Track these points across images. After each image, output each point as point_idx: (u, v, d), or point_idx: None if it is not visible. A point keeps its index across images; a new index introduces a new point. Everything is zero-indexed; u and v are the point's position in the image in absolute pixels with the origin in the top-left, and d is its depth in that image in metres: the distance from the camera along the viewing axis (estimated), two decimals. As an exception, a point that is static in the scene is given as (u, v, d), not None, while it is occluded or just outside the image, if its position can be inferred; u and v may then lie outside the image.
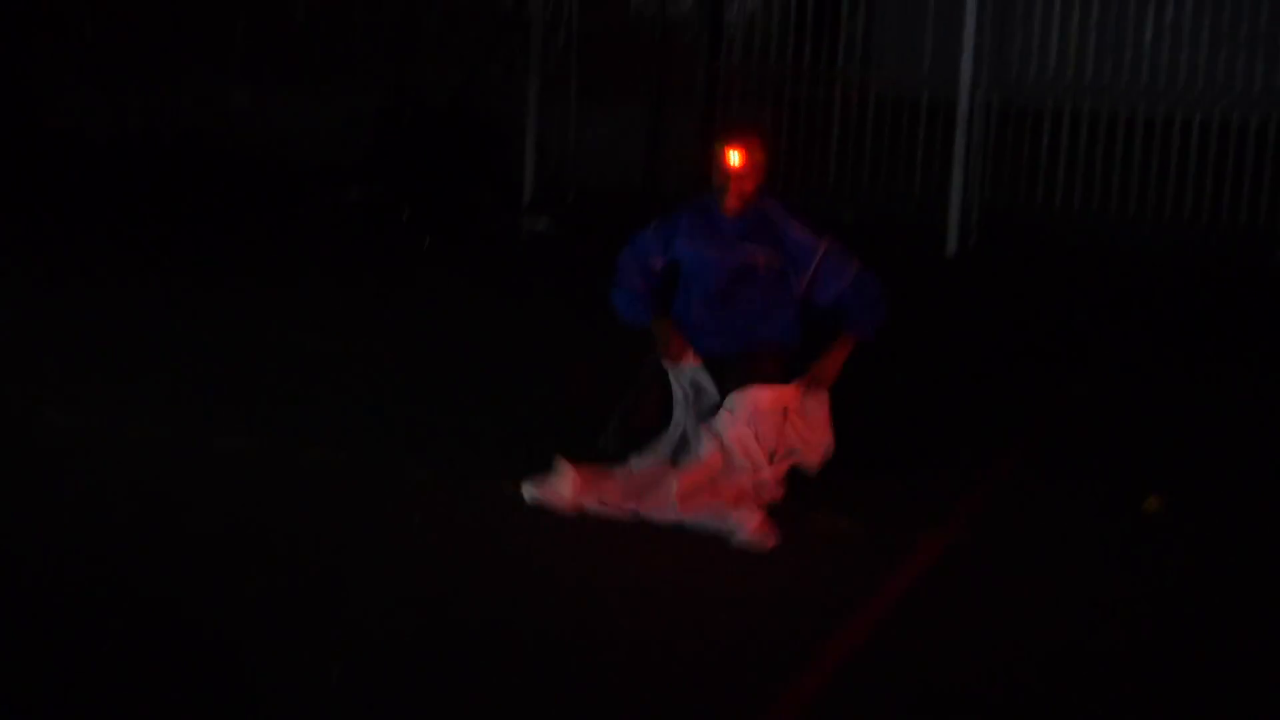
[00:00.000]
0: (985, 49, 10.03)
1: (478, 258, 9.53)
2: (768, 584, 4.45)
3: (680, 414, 5.18)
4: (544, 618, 3.95)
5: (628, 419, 5.26)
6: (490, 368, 6.74)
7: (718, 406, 5.05)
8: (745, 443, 4.98)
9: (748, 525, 4.59)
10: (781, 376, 5.08)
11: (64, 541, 4.40)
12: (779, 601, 4.33)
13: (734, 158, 5.14)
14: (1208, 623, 4.15)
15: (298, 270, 8.81)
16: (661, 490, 4.77)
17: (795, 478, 5.38)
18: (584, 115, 11.07)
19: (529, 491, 4.81)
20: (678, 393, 5.18)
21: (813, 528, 4.88)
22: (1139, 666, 3.85)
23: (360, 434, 5.61)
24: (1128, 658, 3.88)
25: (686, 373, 5.19)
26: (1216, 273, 9.65)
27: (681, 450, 5.07)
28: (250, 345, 7.02)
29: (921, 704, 3.63)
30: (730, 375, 5.07)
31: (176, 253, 9.03)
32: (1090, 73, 10.13)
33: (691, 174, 10.31)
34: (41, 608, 3.89)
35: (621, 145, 11.05)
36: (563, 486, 4.76)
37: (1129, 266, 9.72)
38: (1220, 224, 9.96)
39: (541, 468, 5.03)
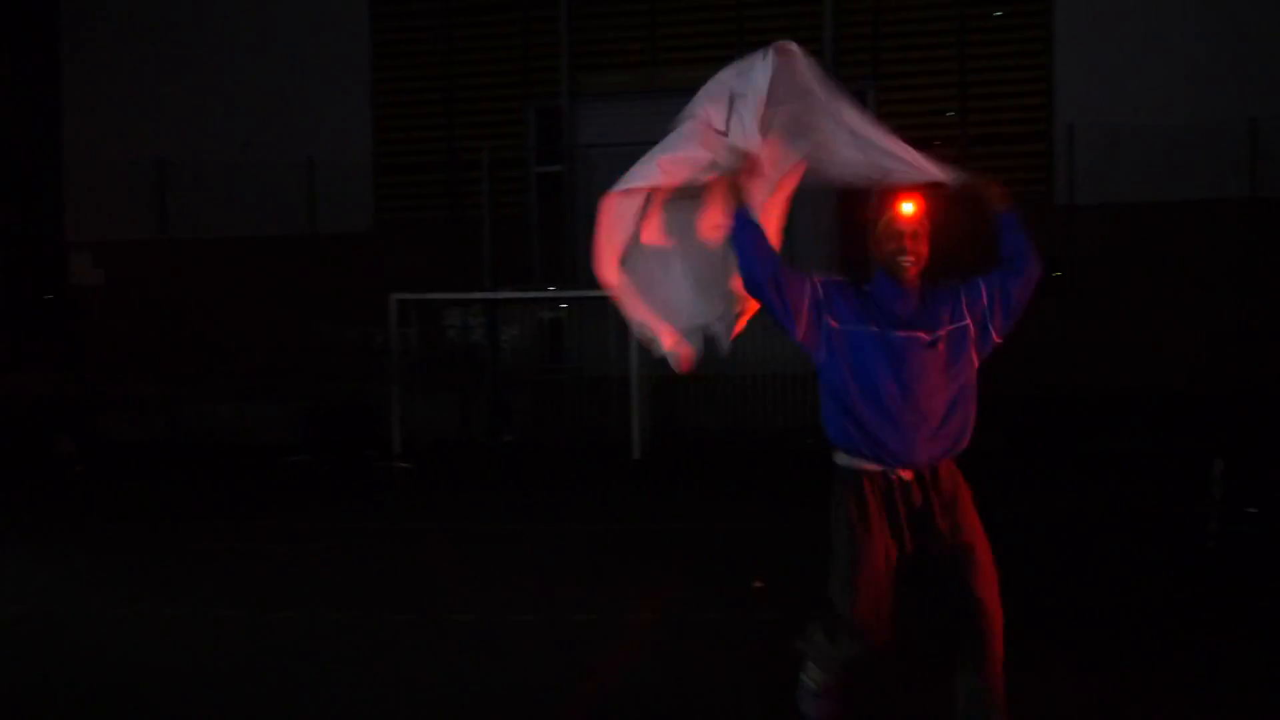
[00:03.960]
0: (640, 346, 12.97)
1: (370, 487, 11.17)
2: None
3: None
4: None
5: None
6: (404, 538, 8.32)
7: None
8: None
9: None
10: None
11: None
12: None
13: (907, 209, 3.66)
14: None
15: (270, 504, 10.17)
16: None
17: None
18: (425, 401, 13.59)
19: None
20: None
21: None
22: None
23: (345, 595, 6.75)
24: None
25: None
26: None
27: None
28: (252, 550, 7.91)
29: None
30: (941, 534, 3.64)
31: (198, 501, 10.41)
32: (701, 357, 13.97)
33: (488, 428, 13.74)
34: None
35: (445, 417, 14.03)
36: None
37: (733, 456, 12.47)
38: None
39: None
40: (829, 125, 3.83)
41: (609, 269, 3.94)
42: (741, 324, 4.08)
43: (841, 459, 3.78)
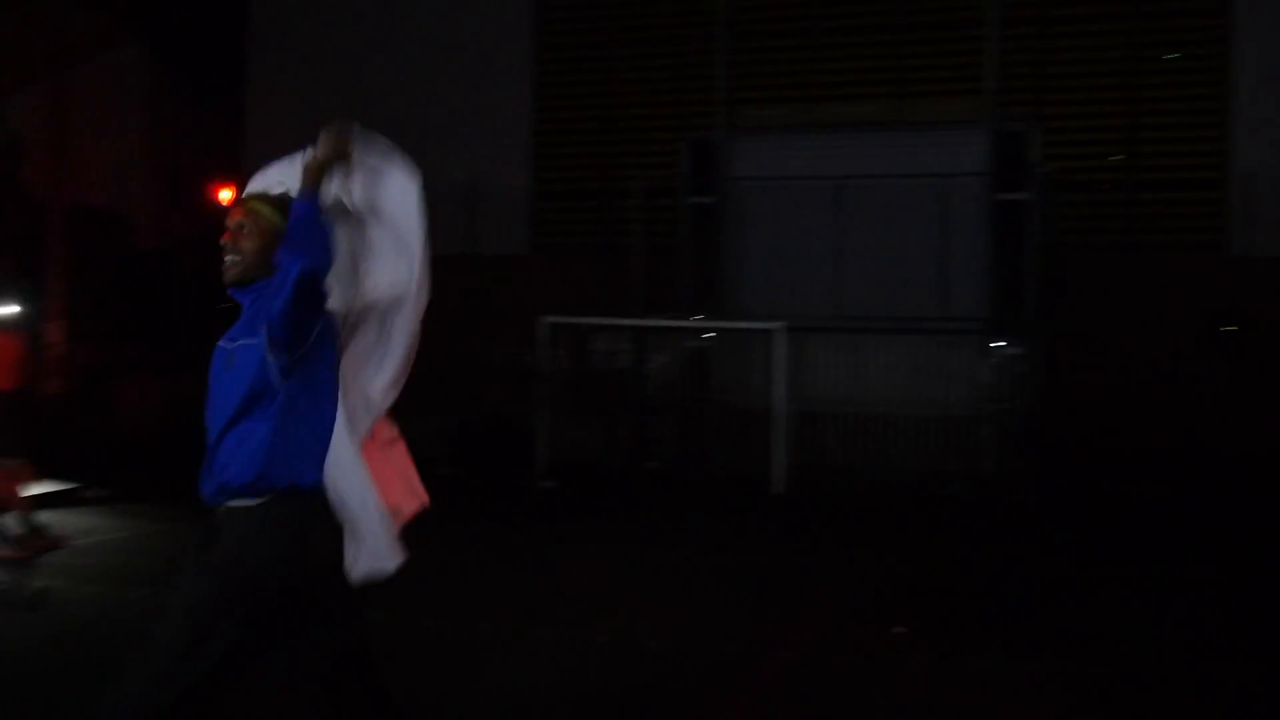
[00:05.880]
0: (786, 380, 12.78)
1: (512, 504, 11.47)
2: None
3: None
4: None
5: None
6: (547, 555, 8.42)
7: None
8: None
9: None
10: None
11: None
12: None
13: (222, 196, 2.93)
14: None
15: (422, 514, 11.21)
16: None
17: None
18: (570, 423, 13.40)
19: None
20: None
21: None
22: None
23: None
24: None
25: None
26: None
27: None
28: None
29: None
30: None
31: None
32: (842, 391, 13.31)
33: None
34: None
35: (589, 440, 13.62)
36: None
37: (875, 498, 12.00)
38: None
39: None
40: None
41: None
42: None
43: None
